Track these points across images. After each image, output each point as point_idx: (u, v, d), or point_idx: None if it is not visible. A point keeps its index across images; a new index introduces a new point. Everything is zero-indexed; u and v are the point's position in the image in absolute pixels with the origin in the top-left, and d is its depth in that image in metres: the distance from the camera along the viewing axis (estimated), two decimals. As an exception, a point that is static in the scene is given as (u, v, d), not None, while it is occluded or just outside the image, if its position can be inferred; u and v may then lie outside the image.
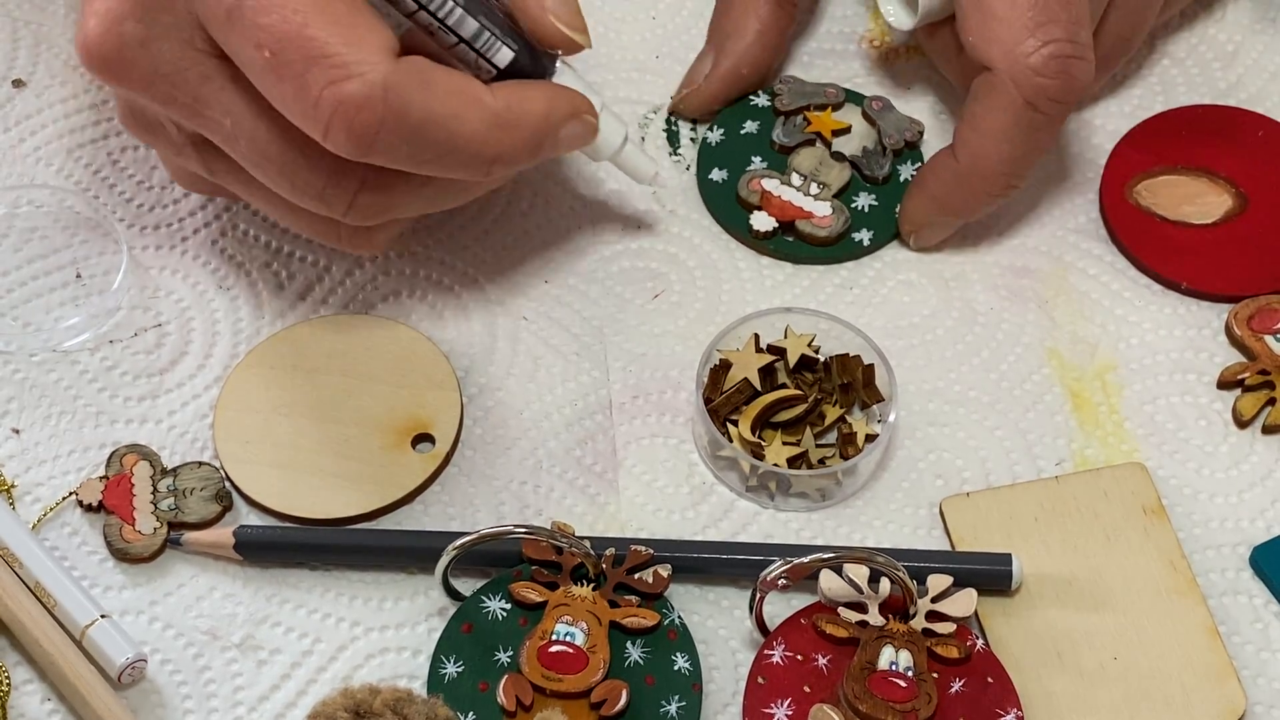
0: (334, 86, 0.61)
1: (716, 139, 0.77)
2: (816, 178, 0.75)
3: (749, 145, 0.77)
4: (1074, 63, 0.69)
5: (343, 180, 0.65)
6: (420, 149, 0.63)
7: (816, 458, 0.68)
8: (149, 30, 0.63)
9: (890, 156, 0.76)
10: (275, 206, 0.68)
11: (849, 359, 0.70)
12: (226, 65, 0.64)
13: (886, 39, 0.81)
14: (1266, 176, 0.76)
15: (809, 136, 0.76)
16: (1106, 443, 0.70)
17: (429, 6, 0.64)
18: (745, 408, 0.69)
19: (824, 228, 0.74)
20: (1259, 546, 0.67)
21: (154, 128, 0.68)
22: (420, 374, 0.70)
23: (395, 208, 0.67)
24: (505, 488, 0.69)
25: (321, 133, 0.62)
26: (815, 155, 0.76)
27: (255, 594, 0.66)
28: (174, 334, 0.72)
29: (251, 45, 0.62)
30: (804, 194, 0.75)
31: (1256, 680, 0.65)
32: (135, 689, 0.64)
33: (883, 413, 0.69)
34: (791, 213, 0.75)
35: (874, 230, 0.75)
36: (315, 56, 0.61)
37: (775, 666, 0.63)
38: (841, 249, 0.74)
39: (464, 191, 0.68)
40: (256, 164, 0.65)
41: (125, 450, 0.68)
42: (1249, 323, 0.72)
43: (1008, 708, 0.62)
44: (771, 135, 0.77)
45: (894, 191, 0.75)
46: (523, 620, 0.64)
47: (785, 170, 0.76)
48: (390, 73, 0.62)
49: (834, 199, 0.75)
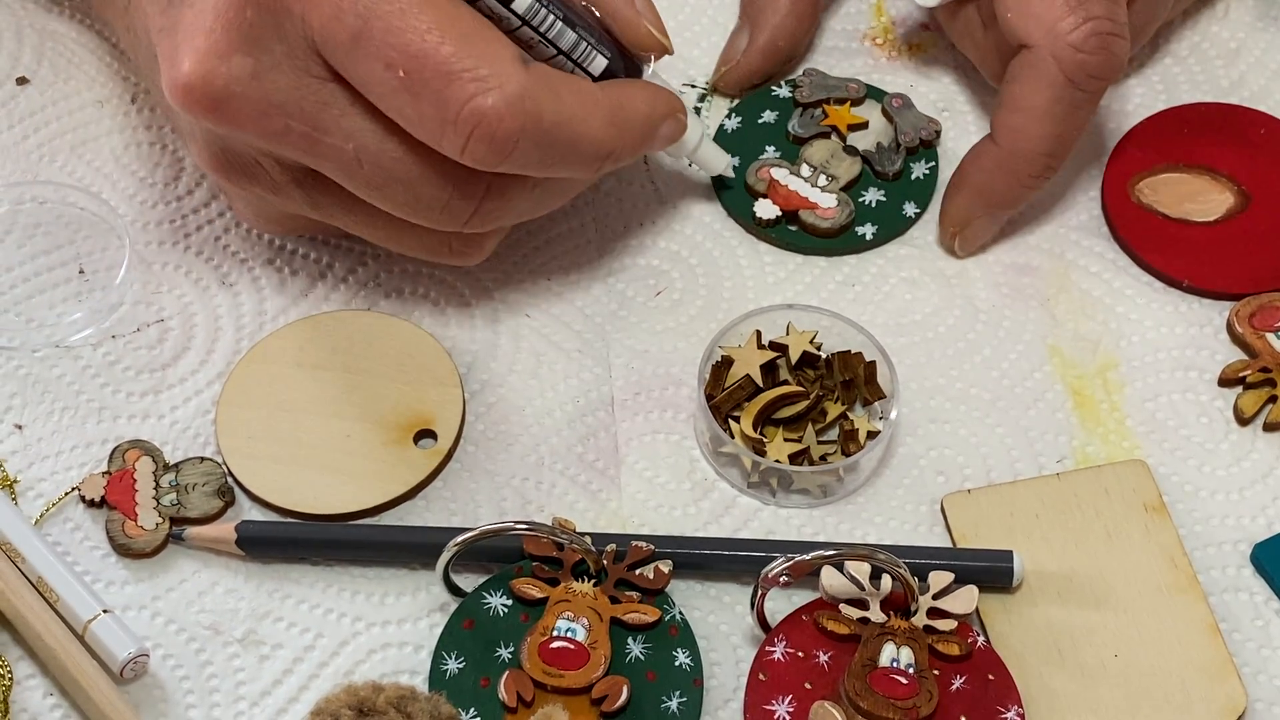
0: (475, 100, 0.61)
1: (733, 126, 0.77)
2: (826, 170, 0.76)
3: (764, 134, 0.77)
4: (1114, 40, 0.70)
5: (469, 190, 0.65)
6: (550, 152, 0.64)
7: (818, 454, 0.68)
8: (259, 62, 0.62)
9: (903, 154, 0.76)
10: (384, 230, 0.68)
11: (850, 355, 0.70)
12: (345, 89, 0.63)
13: (889, 36, 0.81)
14: (1268, 174, 0.76)
15: (824, 129, 0.77)
16: (1108, 440, 0.70)
17: (532, 21, 0.65)
18: (747, 404, 0.69)
19: (827, 219, 0.74)
20: (1260, 544, 0.67)
21: (249, 169, 0.66)
22: (423, 370, 0.70)
23: (511, 212, 0.67)
24: (507, 484, 0.69)
25: (460, 147, 0.62)
26: (828, 148, 0.76)
27: (257, 589, 0.66)
28: (177, 329, 0.72)
29: (382, 66, 0.61)
30: (811, 185, 0.75)
31: (1257, 677, 0.65)
32: (137, 684, 0.64)
33: (884, 409, 0.69)
34: (796, 202, 0.75)
35: (879, 226, 0.75)
36: (453, 73, 0.61)
37: (776, 663, 0.63)
38: (843, 242, 0.74)
39: (568, 191, 0.69)
40: (380, 186, 0.65)
41: (127, 445, 0.68)
42: (1250, 320, 0.72)
43: (1009, 705, 0.62)
44: (787, 126, 0.77)
45: (903, 189, 0.75)
46: (524, 616, 0.64)
47: (796, 161, 0.76)
48: (525, 82, 0.62)
49: (841, 192, 0.75)
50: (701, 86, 0.80)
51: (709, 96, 0.79)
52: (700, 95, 0.80)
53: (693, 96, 0.79)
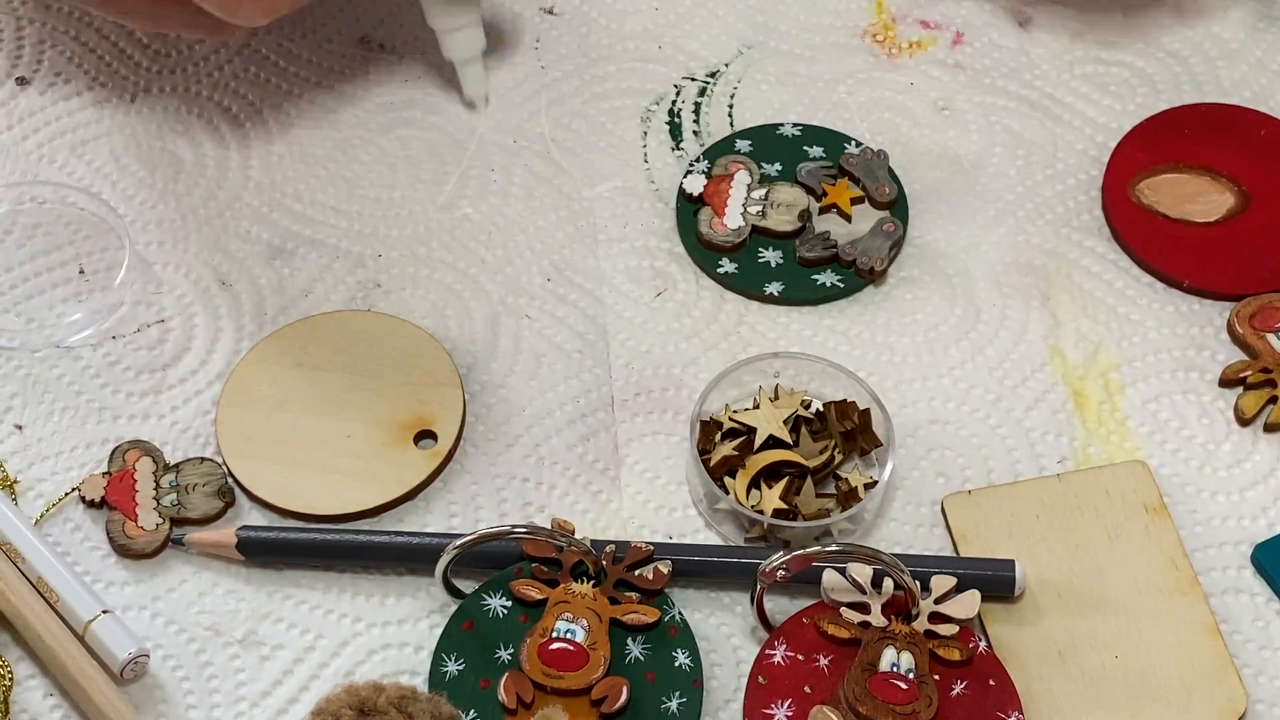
0: None
1: None
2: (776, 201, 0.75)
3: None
4: None
5: None
6: None
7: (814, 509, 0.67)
8: None
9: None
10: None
11: (847, 405, 0.69)
12: None
13: (889, 34, 0.81)
14: (1268, 175, 0.76)
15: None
16: (1108, 441, 0.70)
17: None
18: (741, 470, 0.68)
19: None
20: (1260, 544, 0.67)
21: None
22: (423, 371, 0.70)
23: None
24: (507, 484, 0.69)
25: None
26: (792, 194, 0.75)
27: (257, 590, 0.66)
28: (177, 330, 0.72)
29: None
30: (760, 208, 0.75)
31: (1258, 678, 0.65)
32: (137, 684, 0.64)
33: (880, 459, 0.69)
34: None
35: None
36: None
37: (776, 666, 0.63)
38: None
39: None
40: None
41: (128, 446, 0.68)
42: (1251, 321, 0.72)
43: (1009, 710, 0.62)
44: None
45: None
46: (523, 617, 0.64)
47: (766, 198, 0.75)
48: None
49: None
50: (701, 79, 0.80)
51: (709, 89, 0.79)
52: (700, 89, 0.79)
53: (693, 90, 0.79)
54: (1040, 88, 0.80)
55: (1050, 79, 0.80)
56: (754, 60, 0.81)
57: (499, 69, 0.80)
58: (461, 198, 0.76)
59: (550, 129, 0.79)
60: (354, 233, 0.75)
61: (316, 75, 0.80)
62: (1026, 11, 0.82)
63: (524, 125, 0.79)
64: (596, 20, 0.82)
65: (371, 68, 0.80)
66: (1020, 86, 0.80)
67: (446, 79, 0.80)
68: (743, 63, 0.81)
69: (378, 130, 0.78)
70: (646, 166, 0.77)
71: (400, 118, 0.79)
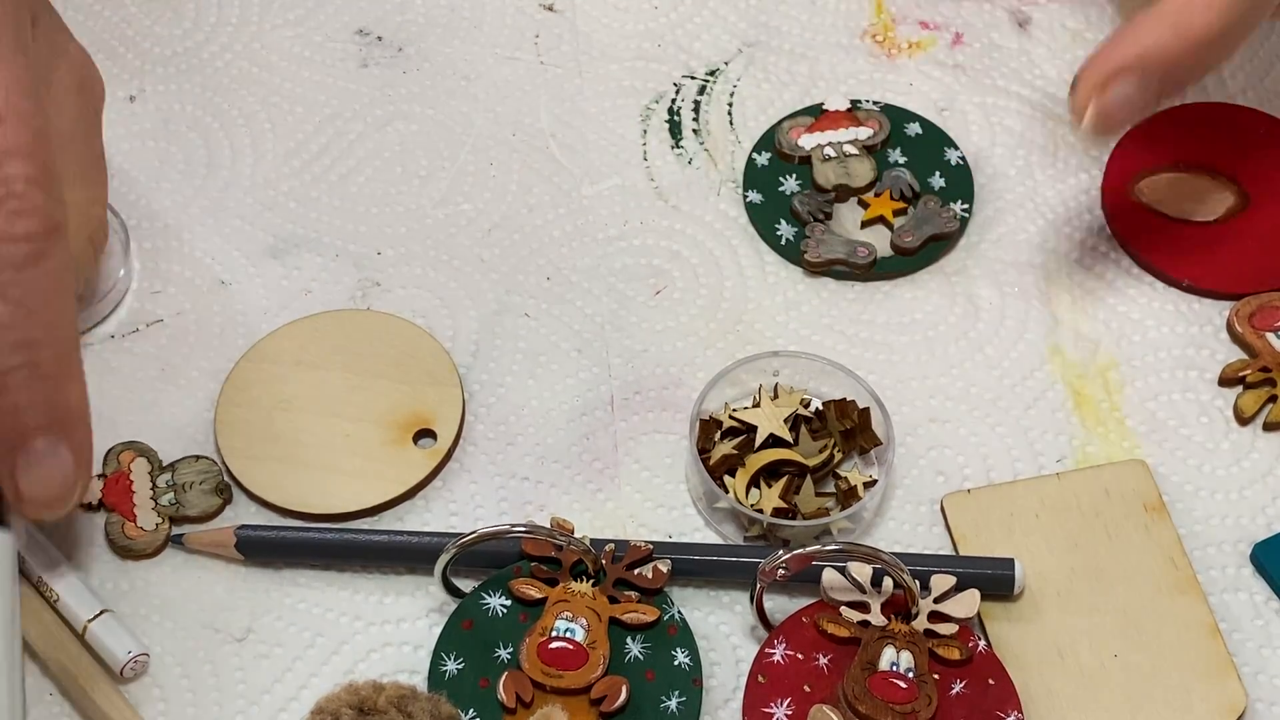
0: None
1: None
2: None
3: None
4: None
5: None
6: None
7: (814, 508, 0.67)
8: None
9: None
10: None
11: (846, 404, 0.69)
12: None
13: (889, 34, 0.81)
14: (1268, 175, 0.76)
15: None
16: (1108, 440, 0.70)
17: None
18: (741, 469, 0.68)
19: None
20: (1260, 543, 0.67)
21: None
22: (422, 370, 0.70)
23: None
24: (506, 483, 0.69)
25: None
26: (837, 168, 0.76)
27: (256, 588, 0.66)
28: (177, 330, 0.72)
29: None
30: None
31: (1257, 677, 0.65)
32: (137, 683, 0.64)
33: (879, 458, 0.69)
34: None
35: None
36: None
37: (776, 665, 0.63)
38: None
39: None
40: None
41: (121, 448, 0.68)
42: (1250, 320, 0.72)
43: (1009, 710, 0.62)
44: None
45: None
46: (523, 617, 0.64)
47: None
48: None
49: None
50: (701, 78, 0.80)
51: (708, 88, 0.79)
52: (700, 88, 0.80)
53: (693, 88, 0.79)
54: (1040, 88, 0.80)
55: (1050, 79, 0.80)
56: (754, 59, 0.81)
57: (498, 65, 0.80)
58: (459, 194, 0.76)
59: (549, 125, 0.79)
60: (352, 231, 0.75)
61: (313, 70, 0.80)
62: (1026, 11, 0.82)
63: (523, 122, 0.79)
64: (597, 17, 0.82)
65: (369, 61, 0.80)
66: (1020, 86, 0.80)
67: (445, 73, 0.80)
68: (743, 61, 0.81)
69: (375, 126, 0.78)
70: (646, 164, 0.77)
71: (398, 112, 0.79)
